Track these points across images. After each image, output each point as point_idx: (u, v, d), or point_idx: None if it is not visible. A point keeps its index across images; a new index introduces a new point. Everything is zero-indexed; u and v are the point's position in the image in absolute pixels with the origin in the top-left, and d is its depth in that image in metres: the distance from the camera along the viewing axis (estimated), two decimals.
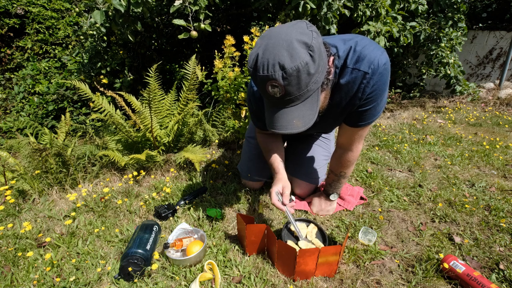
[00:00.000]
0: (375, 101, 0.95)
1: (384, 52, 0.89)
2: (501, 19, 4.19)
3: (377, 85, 0.90)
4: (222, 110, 2.37)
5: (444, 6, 3.17)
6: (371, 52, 0.87)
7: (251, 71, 0.78)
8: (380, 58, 0.87)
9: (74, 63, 4.10)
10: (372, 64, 0.87)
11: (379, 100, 0.95)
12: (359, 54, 0.87)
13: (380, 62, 0.87)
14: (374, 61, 0.86)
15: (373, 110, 0.98)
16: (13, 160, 1.82)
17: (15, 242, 1.18)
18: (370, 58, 0.87)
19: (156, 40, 3.41)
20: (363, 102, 0.95)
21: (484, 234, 1.24)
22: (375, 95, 0.93)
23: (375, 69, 0.87)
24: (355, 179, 1.68)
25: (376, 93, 0.92)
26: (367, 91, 0.91)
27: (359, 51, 0.87)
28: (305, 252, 0.92)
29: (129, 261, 0.97)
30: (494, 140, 2.30)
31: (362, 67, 0.88)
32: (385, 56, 0.88)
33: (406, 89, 4.07)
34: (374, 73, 0.88)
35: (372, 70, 0.87)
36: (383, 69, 0.88)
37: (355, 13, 2.53)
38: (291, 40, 0.72)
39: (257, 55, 0.75)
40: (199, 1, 2.04)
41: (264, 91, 0.78)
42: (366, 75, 0.88)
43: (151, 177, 1.72)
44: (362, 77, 0.89)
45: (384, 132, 2.52)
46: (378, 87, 0.91)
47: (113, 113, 1.92)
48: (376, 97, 0.94)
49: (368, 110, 0.98)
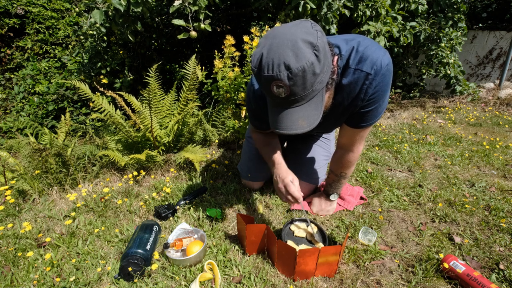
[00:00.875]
0: (377, 102, 0.94)
1: (386, 53, 0.88)
2: (501, 19, 4.19)
3: (379, 86, 0.90)
4: (222, 110, 2.37)
5: (444, 6, 3.17)
6: (373, 53, 0.86)
7: (255, 71, 0.76)
8: (383, 59, 0.86)
9: (74, 63, 4.10)
10: (374, 65, 0.86)
11: (381, 101, 0.95)
12: (361, 54, 0.87)
13: (383, 63, 0.86)
14: (376, 62, 0.86)
15: (375, 111, 0.97)
16: (13, 160, 1.82)
17: (15, 242, 1.18)
18: (373, 58, 0.86)
19: (156, 40, 3.42)
20: (366, 103, 0.95)
21: (484, 234, 1.24)
22: (378, 96, 0.92)
23: (378, 70, 0.86)
24: (355, 179, 1.68)
25: (379, 94, 0.92)
26: (370, 92, 0.91)
27: (362, 52, 0.87)
28: (305, 252, 0.92)
29: (129, 261, 0.97)
30: (494, 140, 2.30)
31: (365, 68, 0.87)
32: (387, 57, 0.88)
33: (406, 89, 4.07)
34: (377, 74, 0.87)
35: (374, 71, 0.86)
36: (386, 70, 0.87)
37: (355, 13, 2.53)
38: (296, 39, 0.70)
39: (261, 54, 0.74)
40: (199, 1, 2.04)
41: (269, 91, 0.76)
42: (369, 75, 0.87)
43: (151, 177, 1.72)
44: (365, 78, 0.88)
45: (384, 132, 2.52)
46: (380, 88, 0.90)
47: (113, 113, 1.92)
48: (378, 98, 0.93)
49: (370, 111, 0.97)
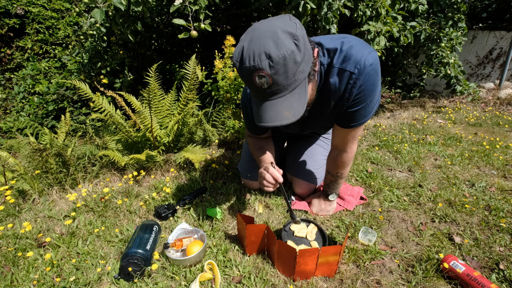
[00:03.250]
0: (364, 102, 0.93)
1: (372, 52, 0.86)
2: (501, 19, 4.19)
3: (364, 86, 0.89)
4: (222, 110, 2.37)
5: (444, 6, 3.17)
6: (358, 52, 0.85)
7: (237, 64, 0.77)
8: (367, 58, 0.85)
9: (74, 63, 4.10)
10: (358, 64, 0.85)
11: (368, 100, 0.93)
12: (345, 53, 0.86)
13: (366, 62, 0.85)
14: (360, 61, 0.85)
15: (363, 110, 0.96)
16: (13, 160, 1.82)
17: (15, 242, 1.18)
18: (357, 58, 0.85)
19: (156, 40, 3.42)
20: (352, 103, 0.94)
21: (484, 234, 1.24)
22: (363, 96, 0.91)
23: (362, 69, 0.85)
24: (355, 179, 1.68)
25: (364, 94, 0.91)
26: (354, 91, 0.90)
27: (345, 51, 0.86)
28: (305, 252, 0.92)
29: (129, 261, 0.98)
30: (494, 140, 2.30)
31: (348, 67, 0.86)
32: (372, 56, 0.86)
33: (406, 89, 4.07)
34: (361, 73, 0.86)
35: (358, 70, 0.86)
36: (370, 69, 0.86)
37: (355, 13, 2.53)
38: (275, 30, 0.72)
39: (242, 47, 0.75)
40: (199, 1, 2.04)
41: (252, 83, 0.77)
42: (352, 75, 0.87)
43: (151, 177, 1.72)
44: (349, 77, 0.88)
45: (384, 132, 2.52)
46: (365, 88, 0.89)
47: (113, 113, 1.92)
48: (364, 98, 0.92)
49: (357, 111, 0.96)
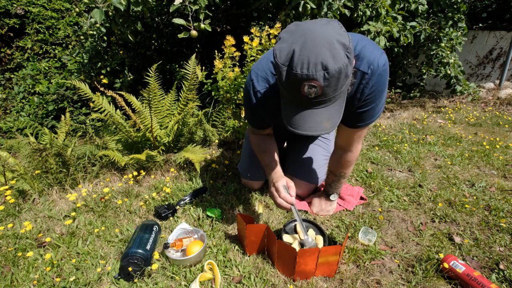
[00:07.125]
0: (374, 102, 0.95)
1: (383, 53, 0.88)
2: (501, 19, 4.19)
3: (376, 86, 0.90)
4: (222, 110, 2.37)
5: (444, 6, 3.17)
6: (370, 53, 0.86)
7: (284, 68, 0.70)
8: (380, 59, 0.86)
9: (74, 63, 4.09)
10: (371, 65, 0.86)
11: (378, 101, 0.95)
12: (358, 53, 0.87)
13: (379, 63, 0.86)
14: (373, 61, 0.86)
15: (372, 111, 0.97)
16: (13, 160, 1.82)
17: (15, 242, 1.18)
18: (370, 58, 0.86)
19: (156, 40, 3.42)
20: (362, 103, 0.95)
21: (484, 234, 1.24)
22: (374, 96, 0.93)
23: (375, 69, 0.87)
24: (355, 179, 1.68)
25: (375, 94, 0.92)
26: (366, 91, 0.91)
27: (359, 51, 0.87)
28: (305, 252, 0.92)
29: (129, 261, 0.97)
30: (494, 140, 2.30)
31: (362, 67, 0.87)
32: (384, 57, 0.88)
33: (406, 89, 4.07)
34: (374, 73, 0.87)
35: (371, 70, 0.87)
36: (382, 70, 0.88)
37: (355, 13, 2.53)
38: (332, 40, 0.67)
39: (293, 51, 0.68)
40: (199, 1, 2.04)
41: (297, 90, 0.71)
42: (365, 75, 0.88)
43: (151, 177, 1.72)
44: (361, 78, 0.88)
45: (384, 132, 2.51)
46: (377, 88, 0.91)
47: (113, 113, 1.92)
48: (375, 98, 0.93)
49: (367, 111, 0.97)
